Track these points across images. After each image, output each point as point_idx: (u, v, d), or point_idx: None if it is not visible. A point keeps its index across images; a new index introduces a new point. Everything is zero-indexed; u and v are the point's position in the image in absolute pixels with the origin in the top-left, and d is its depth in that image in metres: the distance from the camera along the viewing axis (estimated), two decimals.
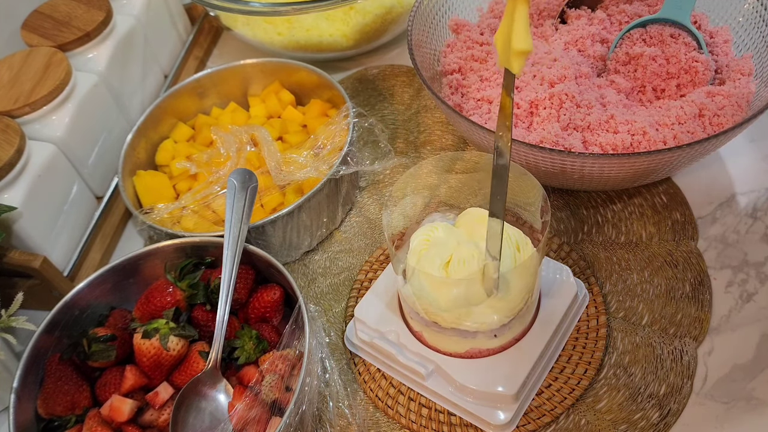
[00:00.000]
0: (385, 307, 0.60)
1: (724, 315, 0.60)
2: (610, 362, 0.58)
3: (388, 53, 0.92)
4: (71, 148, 0.71)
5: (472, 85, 0.72)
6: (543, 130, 0.64)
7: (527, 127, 0.66)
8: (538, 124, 0.65)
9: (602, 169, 0.59)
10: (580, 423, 0.55)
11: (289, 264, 0.71)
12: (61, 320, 0.58)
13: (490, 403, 0.54)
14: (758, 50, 0.68)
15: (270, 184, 0.70)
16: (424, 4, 0.74)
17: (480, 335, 0.53)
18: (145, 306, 0.59)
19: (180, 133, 0.79)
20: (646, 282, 0.63)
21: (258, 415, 0.52)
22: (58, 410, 0.55)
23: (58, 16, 0.77)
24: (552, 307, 0.58)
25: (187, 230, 0.67)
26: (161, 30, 0.90)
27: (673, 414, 0.55)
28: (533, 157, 0.59)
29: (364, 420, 0.58)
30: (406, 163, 0.78)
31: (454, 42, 0.77)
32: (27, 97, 0.68)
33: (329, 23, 0.83)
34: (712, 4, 0.73)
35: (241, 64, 0.81)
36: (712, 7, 0.73)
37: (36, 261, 0.64)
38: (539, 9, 0.78)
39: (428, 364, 0.56)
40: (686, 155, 0.57)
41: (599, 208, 0.69)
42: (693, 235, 0.66)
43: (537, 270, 0.53)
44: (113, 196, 0.77)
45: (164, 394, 0.54)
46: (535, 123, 0.66)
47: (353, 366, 0.61)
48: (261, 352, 0.57)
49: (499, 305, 0.51)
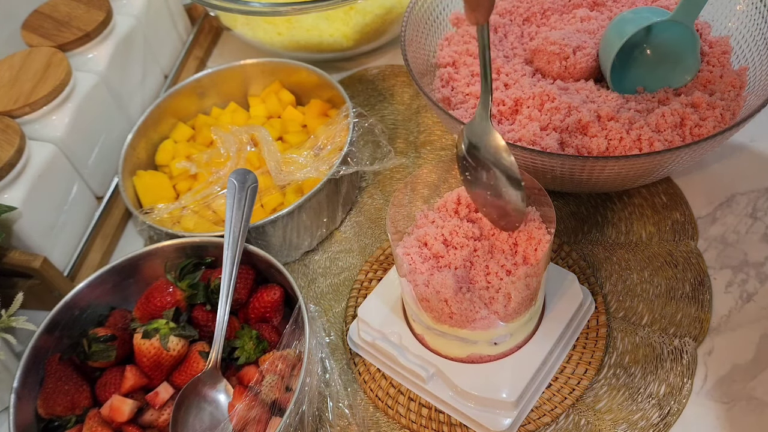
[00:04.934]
0: (388, 308, 0.60)
1: (724, 315, 0.60)
2: (610, 362, 0.58)
3: (388, 53, 0.92)
4: (71, 148, 0.71)
5: (462, 80, 0.72)
6: (523, 128, 0.64)
7: (510, 124, 0.67)
8: (520, 123, 0.66)
9: (591, 172, 0.59)
10: (580, 423, 0.56)
11: (289, 264, 0.71)
12: (61, 320, 0.58)
13: (490, 409, 0.54)
14: (755, 64, 0.68)
15: (270, 184, 0.70)
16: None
17: (481, 342, 0.53)
18: (145, 306, 0.59)
19: (180, 133, 0.79)
20: (646, 282, 0.63)
21: (258, 415, 0.52)
22: (58, 410, 0.55)
23: (58, 16, 0.77)
24: (556, 314, 0.57)
25: (187, 230, 0.67)
26: (161, 30, 0.90)
27: (673, 414, 0.55)
28: (530, 160, 0.59)
29: (364, 420, 0.58)
30: (406, 163, 0.78)
31: (453, 35, 0.77)
32: (27, 97, 0.68)
33: (329, 23, 0.83)
34: (716, 14, 0.73)
35: (241, 64, 0.81)
36: (716, 16, 0.73)
37: (36, 261, 0.64)
38: (543, 8, 0.78)
39: (429, 367, 0.56)
40: (656, 163, 0.57)
41: (599, 208, 0.69)
42: (693, 235, 0.66)
43: (540, 283, 0.53)
44: (113, 196, 0.77)
45: (164, 394, 0.54)
46: (518, 120, 0.66)
47: (353, 366, 0.62)
48: (261, 352, 0.57)
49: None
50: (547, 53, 0.70)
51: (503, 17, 0.79)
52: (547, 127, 0.64)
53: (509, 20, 0.78)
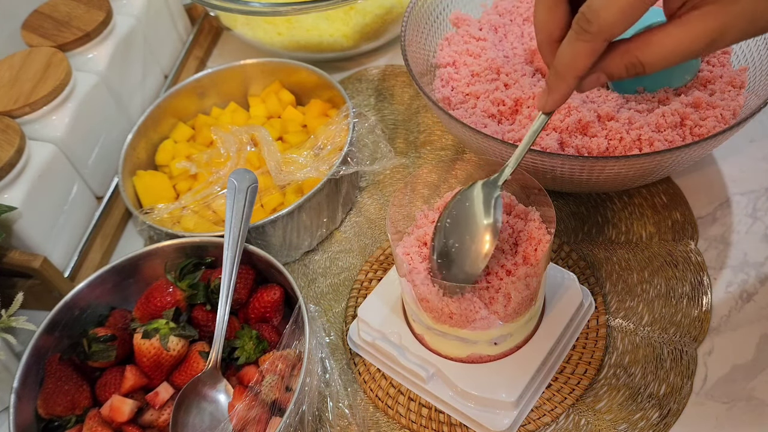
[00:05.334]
0: (388, 308, 0.60)
1: (724, 315, 0.60)
2: (610, 362, 0.58)
3: (388, 53, 0.92)
4: (71, 148, 0.71)
5: (462, 79, 0.72)
6: (523, 128, 0.64)
7: (510, 124, 0.67)
8: (519, 123, 0.66)
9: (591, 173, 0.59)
10: (580, 423, 0.56)
11: (289, 264, 0.71)
12: (61, 320, 0.58)
13: (490, 409, 0.54)
14: (755, 64, 0.68)
15: (270, 184, 0.70)
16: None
17: (481, 342, 0.53)
18: (145, 306, 0.59)
19: (180, 133, 0.79)
20: (646, 282, 0.63)
21: (258, 415, 0.52)
22: (58, 410, 0.55)
23: (58, 16, 0.77)
24: (556, 314, 0.57)
25: (187, 230, 0.67)
26: (161, 30, 0.90)
27: (673, 414, 0.55)
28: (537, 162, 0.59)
29: (364, 420, 0.58)
30: (406, 163, 0.78)
31: (453, 35, 0.77)
32: (27, 97, 0.68)
33: (329, 23, 0.83)
34: None
35: (241, 64, 0.81)
36: None
37: (36, 261, 0.64)
38: None
39: (429, 367, 0.56)
40: (657, 162, 0.57)
41: (599, 208, 0.69)
42: (693, 235, 0.66)
43: (540, 283, 0.53)
44: (113, 196, 0.77)
45: (164, 394, 0.54)
46: (518, 121, 0.66)
47: (353, 366, 0.62)
48: (261, 352, 0.57)
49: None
50: None
51: (503, 17, 0.79)
52: (547, 127, 0.64)
53: (509, 20, 0.78)
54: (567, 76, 0.43)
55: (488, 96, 0.69)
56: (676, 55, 0.41)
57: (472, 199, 0.50)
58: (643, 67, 0.42)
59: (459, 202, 0.50)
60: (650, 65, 0.42)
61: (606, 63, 0.43)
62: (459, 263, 0.49)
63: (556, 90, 0.45)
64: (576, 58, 0.42)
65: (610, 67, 0.43)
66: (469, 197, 0.50)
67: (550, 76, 0.45)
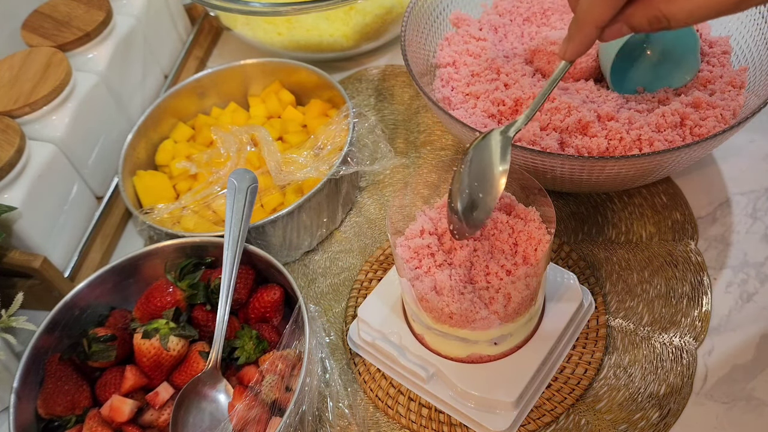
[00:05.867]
0: (388, 308, 0.60)
1: (724, 315, 0.60)
2: (610, 362, 0.58)
3: (388, 53, 0.92)
4: (71, 148, 0.71)
5: (462, 79, 0.72)
6: (523, 128, 0.64)
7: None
8: None
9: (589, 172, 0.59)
10: (580, 423, 0.56)
11: (289, 264, 0.71)
12: (61, 320, 0.58)
13: (490, 409, 0.54)
14: (755, 64, 0.68)
15: (270, 184, 0.70)
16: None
17: (481, 342, 0.53)
18: (145, 306, 0.59)
19: (180, 133, 0.79)
20: (646, 282, 0.63)
21: (258, 415, 0.52)
22: (58, 410, 0.55)
23: (58, 16, 0.77)
24: (556, 314, 0.57)
25: (187, 230, 0.67)
26: (161, 30, 0.90)
27: (673, 414, 0.55)
28: (534, 160, 0.59)
29: (364, 420, 0.58)
30: (406, 163, 0.78)
31: (453, 35, 0.77)
32: (27, 97, 0.68)
33: (329, 23, 0.83)
34: None
35: (241, 64, 0.81)
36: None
37: (36, 261, 0.64)
38: (543, 8, 0.78)
39: (429, 367, 0.56)
40: (657, 162, 0.57)
41: (599, 208, 0.69)
42: (693, 235, 0.66)
43: (540, 283, 0.53)
44: (113, 196, 0.77)
45: (164, 394, 0.54)
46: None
47: (353, 366, 0.62)
48: (261, 352, 0.57)
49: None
50: (547, 53, 0.70)
51: (503, 17, 0.79)
52: (547, 127, 0.64)
53: (509, 20, 0.78)
54: (586, 24, 0.43)
55: (488, 96, 0.69)
56: (703, 11, 0.39)
57: (490, 147, 0.50)
58: (668, 21, 0.40)
59: (478, 149, 0.51)
60: (675, 20, 0.40)
61: (629, 14, 0.42)
62: (476, 203, 0.49)
63: (576, 38, 0.44)
64: (595, 5, 0.41)
65: (632, 18, 0.42)
66: (486, 145, 0.50)
67: (571, 24, 0.44)
